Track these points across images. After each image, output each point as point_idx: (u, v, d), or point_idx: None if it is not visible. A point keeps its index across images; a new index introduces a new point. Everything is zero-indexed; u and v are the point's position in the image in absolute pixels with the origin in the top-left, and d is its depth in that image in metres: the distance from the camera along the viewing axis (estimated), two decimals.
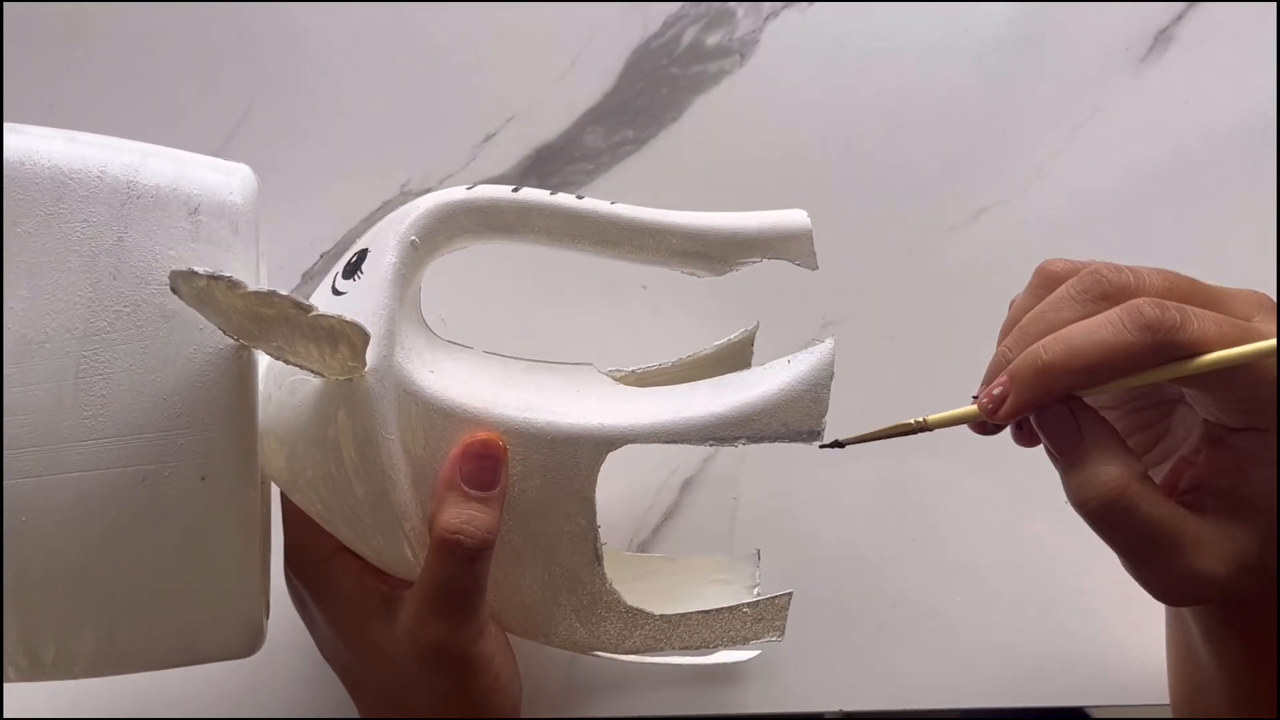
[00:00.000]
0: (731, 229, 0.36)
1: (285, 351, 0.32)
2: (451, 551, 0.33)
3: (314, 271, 0.50)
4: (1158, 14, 0.52)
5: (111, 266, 0.32)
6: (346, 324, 0.30)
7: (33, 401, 0.31)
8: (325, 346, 0.31)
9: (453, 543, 0.33)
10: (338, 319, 0.30)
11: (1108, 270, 0.30)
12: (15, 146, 0.32)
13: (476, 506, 0.33)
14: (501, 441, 0.34)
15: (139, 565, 0.32)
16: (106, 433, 0.31)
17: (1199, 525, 0.29)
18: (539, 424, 0.34)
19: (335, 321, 0.30)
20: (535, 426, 0.34)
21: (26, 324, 0.31)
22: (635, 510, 0.47)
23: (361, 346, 0.31)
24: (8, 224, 0.31)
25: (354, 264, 0.35)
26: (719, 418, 0.34)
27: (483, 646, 0.35)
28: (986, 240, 0.50)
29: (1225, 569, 0.29)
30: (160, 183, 0.33)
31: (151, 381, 0.32)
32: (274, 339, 0.31)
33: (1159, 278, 0.30)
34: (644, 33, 0.52)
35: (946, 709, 0.46)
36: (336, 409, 0.33)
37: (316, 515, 0.36)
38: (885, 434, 0.33)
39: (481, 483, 0.33)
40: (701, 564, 0.45)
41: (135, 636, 0.33)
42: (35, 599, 0.31)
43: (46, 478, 0.31)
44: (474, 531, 0.33)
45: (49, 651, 0.32)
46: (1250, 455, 0.30)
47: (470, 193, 0.36)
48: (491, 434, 0.34)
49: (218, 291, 0.29)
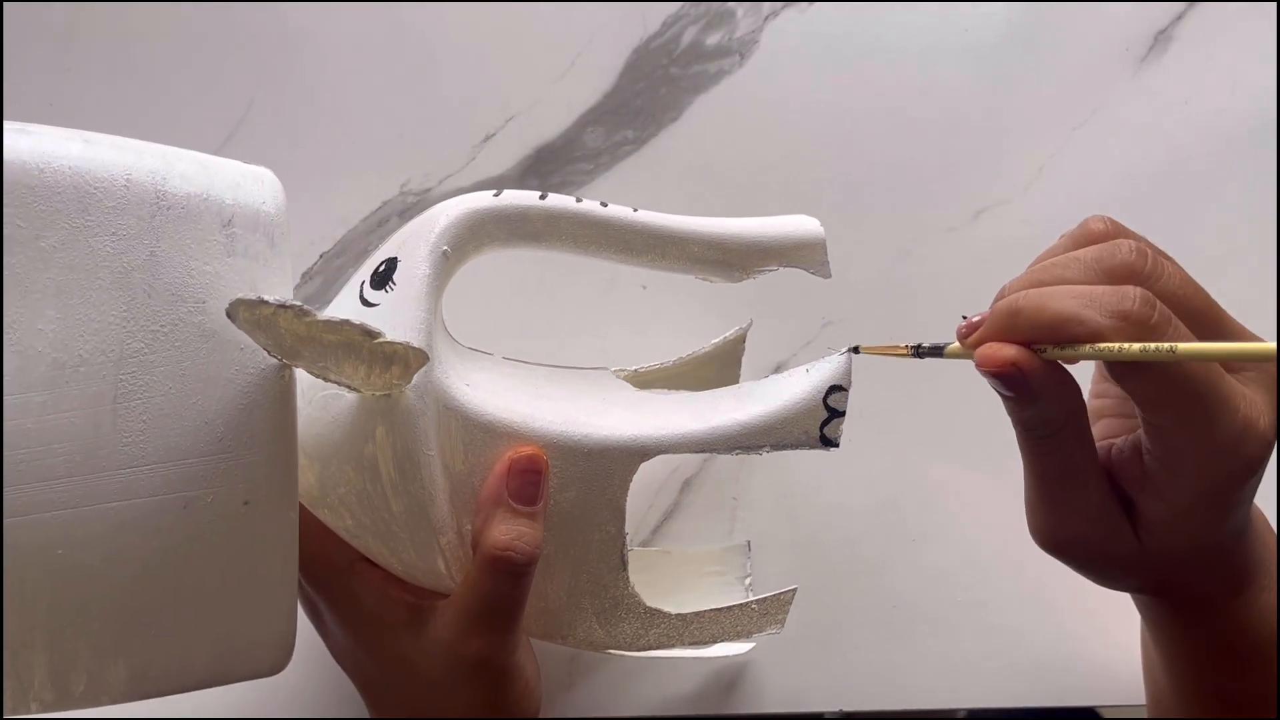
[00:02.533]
0: (751, 237, 0.37)
1: (329, 370, 0.31)
2: (502, 568, 0.33)
3: (314, 271, 0.50)
4: (1158, 14, 0.52)
5: (145, 284, 0.30)
6: (411, 350, 0.30)
7: (68, 429, 0.29)
8: (377, 367, 0.31)
9: (504, 559, 0.33)
10: (404, 346, 0.30)
11: (1130, 250, 0.29)
12: (29, 150, 0.29)
13: (525, 522, 0.33)
14: (544, 455, 0.34)
15: (177, 593, 0.31)
16: (147, 460, 0.29)
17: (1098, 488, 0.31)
18: (576, 436, 0.34)
19: (400, 348, 0.30)
20: (573, 439, 0.34)
21: (59, 346, 0.29)
22: (635, 509, 0.47)
23: (416, 368, 0.31)
24: (30, 238, 0.29)
25: (383, 273, 0.34)
26: (745, 426, 0.34)
27: (518, 657, 0.36)
28: (986, 240, 0.50)
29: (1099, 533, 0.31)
30: (190, 191, 0.31)
31: (193, 405, 0.30)
32: (323, 360, 0.30)
33: (1177, 281, 0.30)
34: (644, 33, 0.52)
35: (946, 709, 0.46)
36: (374, 425, 0.33)
37: (343, 530, 0.36)
38: (896, 353, 0.34)
39: (527, 498, 0.33)
40: (695, 556, 0.46)
41: (168, 663, 0.31)
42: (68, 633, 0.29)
43: (85, 509, 0.29)
44: (523, 548, 0.33)
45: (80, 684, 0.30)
46: (1154, 482, 0.30)
47: (499, 200, 0.35)
48: (536, 449, 0.34)
49: (283, 319, 0.28)
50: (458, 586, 0.35)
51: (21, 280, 0.28)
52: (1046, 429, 0.30)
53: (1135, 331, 0.28)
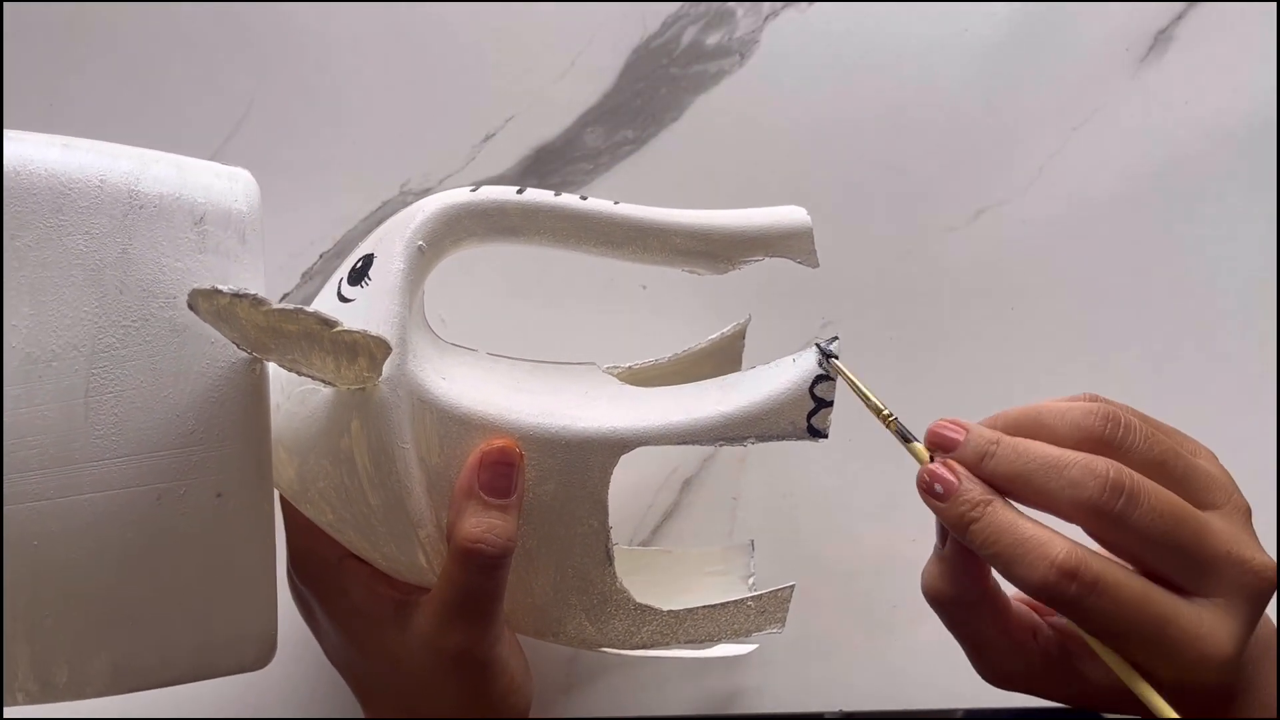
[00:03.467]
0: (734, 227, 0.36)
1: (299, 364, 0.31)
2: (473, 560, 0.33)
3: (314, 271, 0.50)
4: (1158, 14, 0.52)
5: (117, 280, 0.31)
6: (370, 339, 0.30)
7: (42, 422, 0.29)
8: (344, 359, 0.31)
9: (474, 552, 0.33)
10: (362, 334, 0.30)
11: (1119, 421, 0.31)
12: (10, 154, 0.30)
13: (496, 515, 0.33)
14: (518, 448, 0.34)
15: (155, 585, 0.31)
16: (120, 452, 0.30)
17: None
18: (553, 429, 0.34)
19: (359, 336, 0.30)
20: (550, 431, 0.34)
21: (32, 342, 0.30)
22: (635, 510, 0.48)
23: (382, 359, 0.31)
24: (6, 237, 0.30)
25: (360, 270, 0.35)
26: (728, 418, 0.34)
27: (500, 651, 0.35)
28: (986, 240, 0.50)
29: None
30: (163, 191, 0.32)
31: (164, 398, 0.31)
32: (291, 352, 0.31)
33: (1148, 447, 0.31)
34: (644, 33, 0.52)
35: (946, 709, 0.46)
36: (350, 419, 0.33)
37: (326, 525, 0.36)
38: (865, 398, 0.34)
39: (499, 490, 0.33)
40: (697, 556, 0.46)
41: (151, 656, 0.32)
42: (49, 624, 0.30)
43: (59, 500, 0.30)
44: (494, 540, 0.33)
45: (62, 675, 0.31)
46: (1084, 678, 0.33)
47: (475, 195, 0.35)
48: (508, 441, 0.34)
49: (240, 309, 0.29)
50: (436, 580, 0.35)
51: None
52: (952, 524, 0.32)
53: (1099, 524, 0.30)
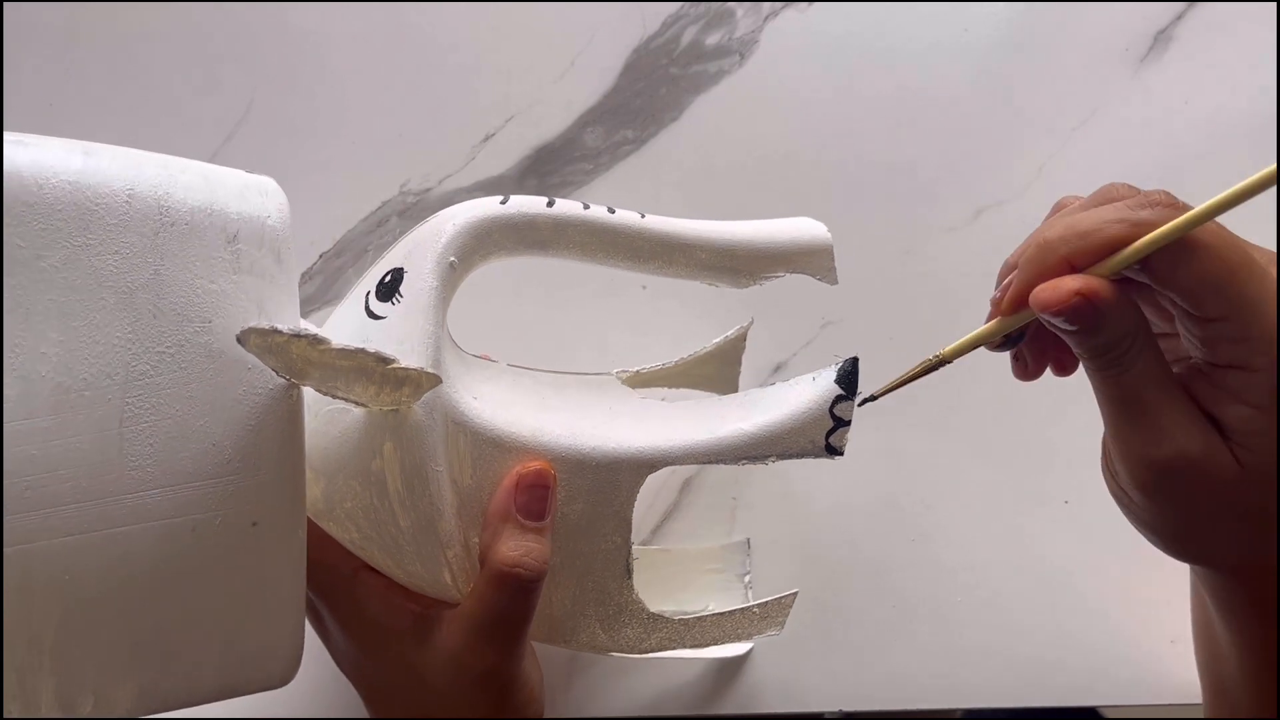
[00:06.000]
0: (759, 244, 0.36)
1: (338, 389, 0.31)
2: (510, 583, 0.33)
3: (314, 271, 0.50)
4: (1158, 14, 0.52)
5: (150, 304, 0.29)
6: (425, 375, 0.30)
7: (75, 454, 0.28)
8: (388, 387, 0.30)
9: (512, 576, 0.33)
10: (418, 371, 0.30)
11: (1125, 185, 0.30)
12: (29, 164, 0.28)
13: (533, 538, 0.34)
14: (552, 470, 0.34)
15: (185, 614, 0.30)
16: (155, 484, 0.29)
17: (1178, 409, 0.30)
18: (584, 450, 0.34)
19: (414, 373, 0.30)
20: (581, 453, 0.34)
21: (62, 370, 0.28)
22: (635, 510, 0.47)
23: (428, 389, 0.31)
24: (30, 258, 0.28)
25: (389, 285, 0.34)
26: (752, 437, 0.34)
27: (524, 667, 0.36)
28: (986, 240, 0.50)
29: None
30: (193, 205, 0.30)
31: (200, 426, 0.29)
32: (334, 380, 0.30)
33: None
34: (643, 33, 0.52)
35: (946, 709, 0.46)
36: (383, 441, 0.33)
37: (348, 542, 0.35)
38: (910, 377, 0.34)
39: (536, 513, 0.34)
40: (695, 554, 0.46)
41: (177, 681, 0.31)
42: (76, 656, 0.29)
43: (92, 534, 0.28)
44: (532, 563, 0.33)
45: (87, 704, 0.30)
46: (1230, 392, 0.30)
47: (505, 208, 0.35)
48: (544, 464, 0.34)
49: (296, 348, 0.28)
50: (466, 599, 0.35)
51: (22, 302, 0.28)
52: (1122, 347, 0.29)
53: (1168, 214, 0.28)
